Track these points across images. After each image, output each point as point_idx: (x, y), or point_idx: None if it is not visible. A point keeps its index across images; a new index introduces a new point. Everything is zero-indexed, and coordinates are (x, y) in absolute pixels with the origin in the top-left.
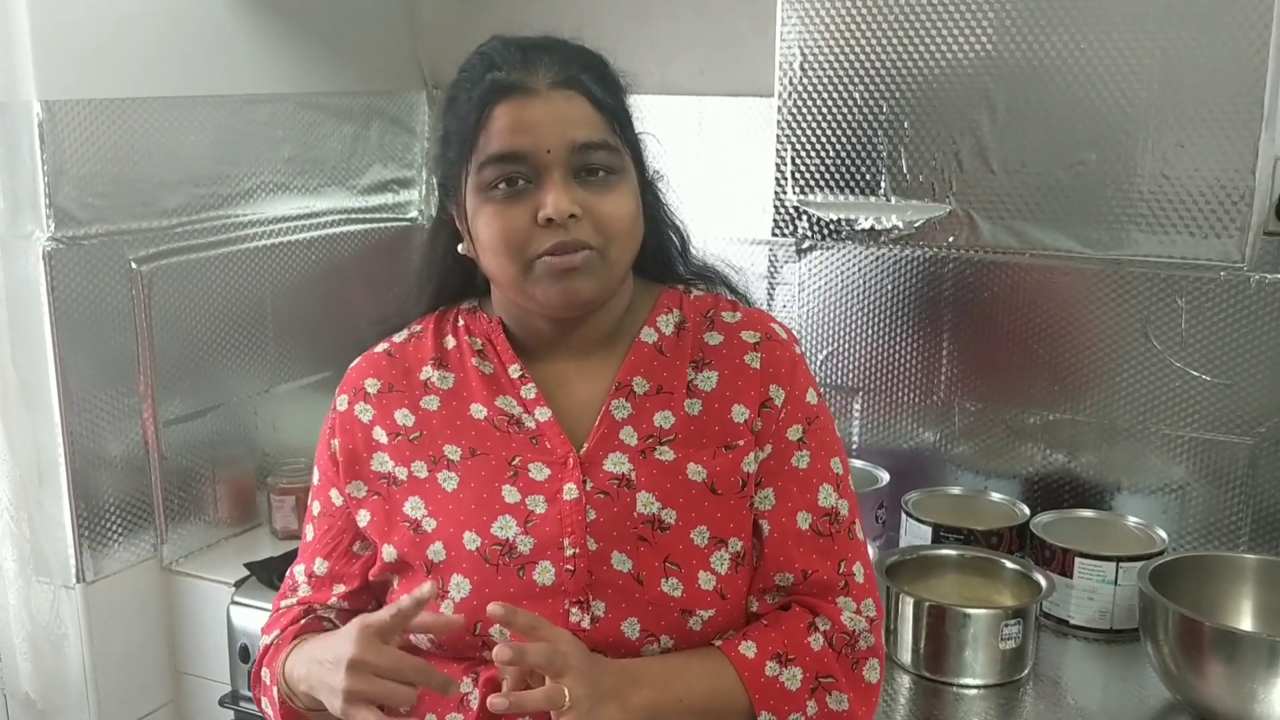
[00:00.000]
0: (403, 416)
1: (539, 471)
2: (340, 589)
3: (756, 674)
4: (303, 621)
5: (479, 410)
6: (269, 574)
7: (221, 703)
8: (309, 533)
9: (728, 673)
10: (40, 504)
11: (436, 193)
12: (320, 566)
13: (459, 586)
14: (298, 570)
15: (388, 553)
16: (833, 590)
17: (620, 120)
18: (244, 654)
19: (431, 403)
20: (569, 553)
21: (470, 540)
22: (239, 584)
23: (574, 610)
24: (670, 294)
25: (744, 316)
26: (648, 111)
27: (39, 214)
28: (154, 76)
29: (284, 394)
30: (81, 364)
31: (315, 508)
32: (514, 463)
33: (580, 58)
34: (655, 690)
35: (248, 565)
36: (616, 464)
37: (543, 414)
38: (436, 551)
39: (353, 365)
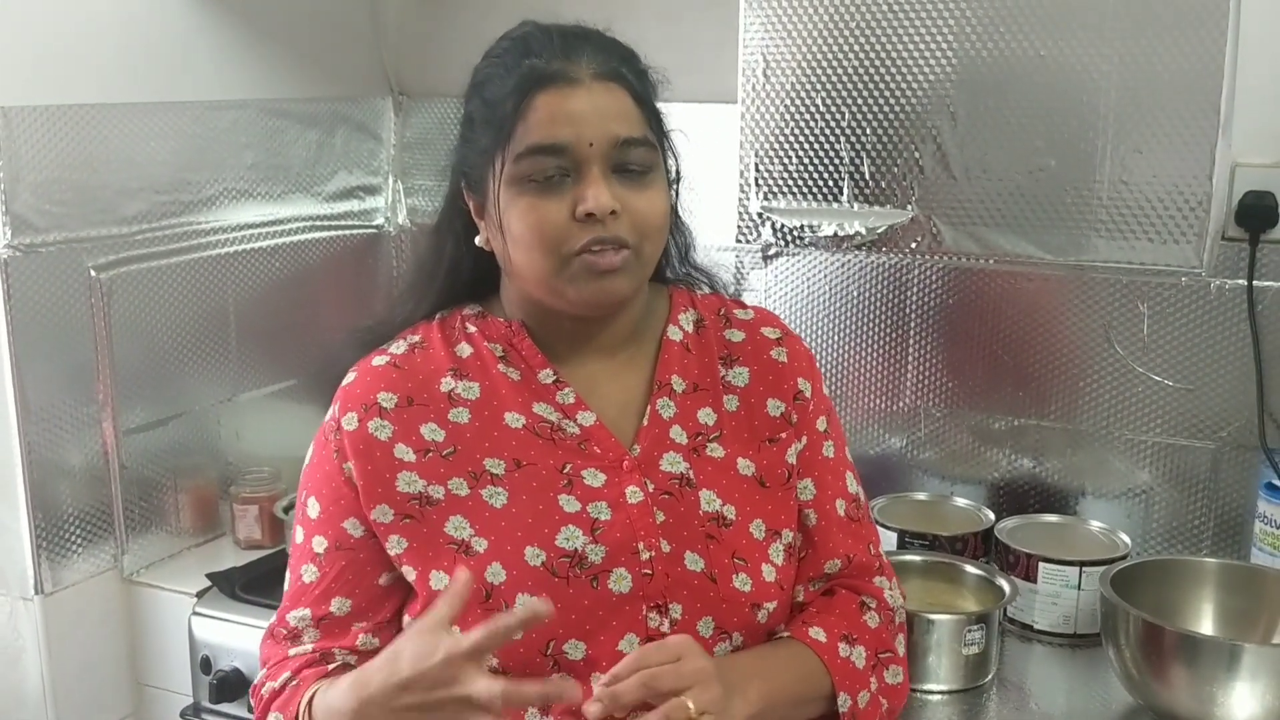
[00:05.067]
0: (430, 432)
1: (594, 478)
2: (362, 625)
3: (834, 656)
4: (331, 666)
5: (515, 419)
6: (231, 584)
7: (183, 714)
8: (309, 574)
9: (809, 657)
10: None
11: (450, 181)
12: (340, 606)
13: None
14: (296, 615)
15: (437, 580)
16: (870, 571)
17: (656, 117)
18: (205, 665)
19: (461, 415)
20: (644, 556)
21: (533, 556)
22: (201, 594)
23: (652, 615)
24: (680, 292)
25: (755, 314)
26: None
27: None
28: (114, 82)
29: (247, 402)
30: (39, 373)
31: (318, 544)
32: (565, 470)
33: (618, 49)
34: (762, 680)
35: (210, 576)
36: (673, 464)
37: (586, 418)
38: (495, 573)
39: (349, 381)
